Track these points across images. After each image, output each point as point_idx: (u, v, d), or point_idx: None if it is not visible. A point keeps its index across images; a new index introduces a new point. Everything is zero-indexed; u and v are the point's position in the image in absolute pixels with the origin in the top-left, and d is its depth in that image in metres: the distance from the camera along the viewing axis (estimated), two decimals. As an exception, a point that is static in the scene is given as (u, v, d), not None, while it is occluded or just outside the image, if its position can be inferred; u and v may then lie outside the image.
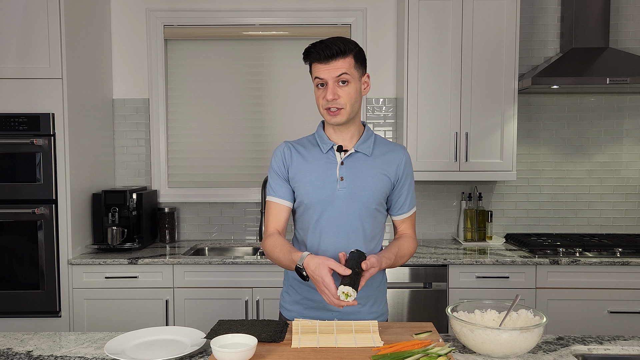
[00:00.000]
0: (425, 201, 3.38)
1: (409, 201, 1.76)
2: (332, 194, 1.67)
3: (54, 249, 2.74)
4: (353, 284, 1.42)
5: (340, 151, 1.70)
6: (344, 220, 1.68)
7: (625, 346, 1.49)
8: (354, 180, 1.67)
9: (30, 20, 2.70)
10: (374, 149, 1.72)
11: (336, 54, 1.59)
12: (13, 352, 1.48)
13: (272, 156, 1.76)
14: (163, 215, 3.28)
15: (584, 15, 3.07)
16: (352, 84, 1.62)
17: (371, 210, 1.69)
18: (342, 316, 1.71)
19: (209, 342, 1.43)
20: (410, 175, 1.76)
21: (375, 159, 1.71)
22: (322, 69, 1.60)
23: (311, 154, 1.72)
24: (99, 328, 2.76)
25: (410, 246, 1.75)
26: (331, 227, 1.68)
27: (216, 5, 3.32)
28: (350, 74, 1.61)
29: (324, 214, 1.68)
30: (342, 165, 1.68)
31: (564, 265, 2.74)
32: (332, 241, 1.69)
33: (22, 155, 2.71)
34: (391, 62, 3.34)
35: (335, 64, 1.59)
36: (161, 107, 3.35)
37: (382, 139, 1.79)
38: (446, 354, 1.34)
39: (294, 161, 1.72)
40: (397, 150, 1.75)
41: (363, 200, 1.67)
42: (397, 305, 2.80)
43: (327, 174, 1.68)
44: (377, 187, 1.68)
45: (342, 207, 1.67)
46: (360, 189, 1.67)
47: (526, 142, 3.35)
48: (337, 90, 1.61)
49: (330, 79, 1.60)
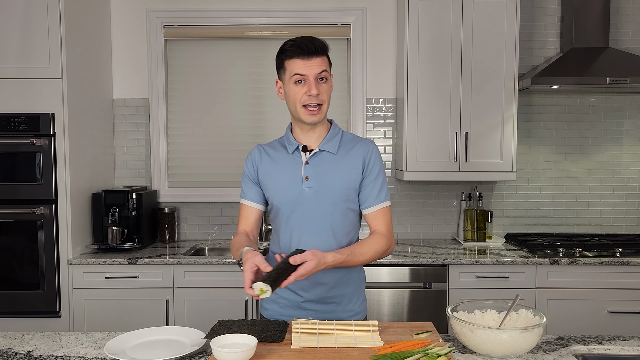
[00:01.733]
0: (425, 201, 3.38)
1: (375, 194, 1.71)
2: (300, 194, 1.68)
3: (54, 249, 2.74)
4: (272, 280, 1.41)
5: (305, 151, 1.71)
6: (312, 220, 1.69)
7: (625, 346, 1.49)
8: (319, 179, 1.68)
9: (30, 20, 2.70)
10: (340, 146, 1.73)
11: (318, 50, 1.62)
12: (13, 352, 1.48)
13: (246, 159, 1.81)
14: (163, 215, 3.28)
15: (584, 15, 3.07)
16: (329, 82, 1.67)
17: (340, 208, 1.69)
18: (317, 315, 1.73)
19: (209, 342, 1.43)
20: (377, 168, 1.72)
21: (342, 156, 1.71)
22: (303, 65, 1.61)
23: (279, 155, 1.75)
24: (99, 328, 2.76)
25: (377, 243, 1.68)
26: (300, 227, 1.70)
27: (216, 5, 3.32)
28: (328, 72, 1.65)
29: (293, 214, 1.70)
30: (307, 165, 1.69)
31: (564, 265, 2.74)
32: (302, 240, 1.70)
33: (22, 155, 2.71)
34: (391, 62, 3.34)
35: (316, 61, 1.62)
36: (161, 107, 3.35)
37: (350, 135, 1.79)
38: (446, 354, 1.34)
39: (263, 164, 1.75)
40: (363, 143, 1.74)
41: (330, 198, 1.68)
42: (397, 305, 2.80)
43: (294, 175, 1.70)
44: (343, 184, 1.68)
45: (310, 206, 1.68)
46: (326, 187, 1.67)
47: (526, 142, 3.35)
48: (318, 86, 1.63)
49: (312, 75, 1.61)
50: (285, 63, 1.65)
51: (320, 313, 1.73)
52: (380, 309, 2.80)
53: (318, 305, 1.73)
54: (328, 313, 1.73)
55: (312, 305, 1.73)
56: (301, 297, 1.73)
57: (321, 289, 1.71)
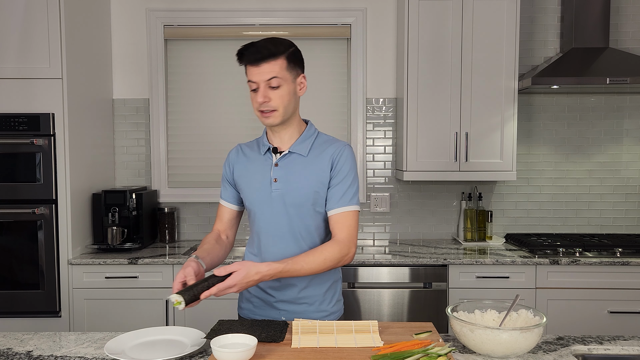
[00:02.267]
0: (425, 201, 3.38)
1: (338, 197, 1.65)
2: (268, 196, 1.68)
3: (54, 249, 2.74)
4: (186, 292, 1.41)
5: (275, 152, 1.70)
6: (279, 222, 1.68)
7: (625, 346, 1.49)
8: (286, 182, 1.66)
9: (30, 20, 2.69)
10: (312, 148, 1.69)
11: (266, 56, 1.56)
12: (13, 352, 1.48)
13: (225, 159, 1.82)
14: (163, 215, 3.27)
15: (584, 15, 3.07)
16: (284, 87, 1.59)
17: (307, 211, 1.67)
18: (289, 315, 1.74)
19: (209, 342, 1.43)
20: (345, 170, 1.66)
21: (312, 159, 1.68)
22: (254, 72, 1.59)
23: (254, 156, 1.75)
24: (99, 328, 2.76)
25: (326, 251, 1.60)
26: (268, 228, 1.70)
27: (216, 5, 3.32)
28: (281, 77, 1.58)
29: (262, 215, 1.70)
30: (276, 167, 1.68)
31: (564, 265, 2.74)
32: (270, 242, 1.71)
33: (22, 155, 2.71)
34: (391, 62, 3.34)
35: (265, 67, 1.57)
36: (161, 107, 3.35)
37: (326, 137, 1.74)
38: (446, 354, 1.34)
39: (239, 164, 1.76)
40: (336, 146, 1.69)
41: (296, 201, 1.66)
42: (397, 305, 2.80)
43: (264, 176, 1.69)
44: (311, 187, 1.65)
45: (277, 208, 1.68)
46: (293, 189, 1.66)
47: (526, 142, 3.35)
48: (268, 93, 1.59)
49: (261, 82, 1.58)
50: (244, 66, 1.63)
51: (293, 313, 1.74)
52: (380, 309, 2.80)
53: (290, 306, 1.73)
54: (300, 313, 1.74)
55: (284, 305, 1.74)
56: (273, 297, 1.74)
57: (292, 290, 1.72)
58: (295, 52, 1.64)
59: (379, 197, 3.38)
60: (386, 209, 3.38)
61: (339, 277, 1.84)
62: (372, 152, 3.38)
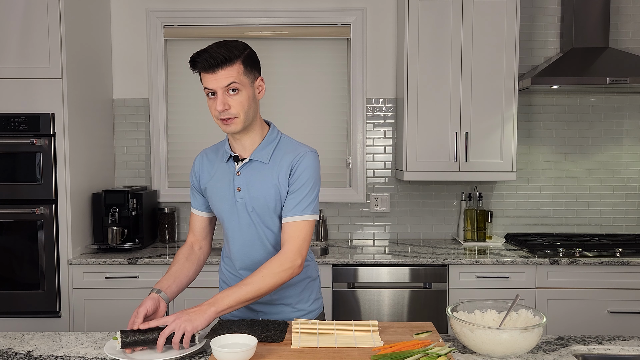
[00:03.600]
0: (425, 201, 3.38)
1: (292, 206, 1.59)
2: (233, 205, 1.65)
3: (54, 249, 2.74)
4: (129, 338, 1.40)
5: (237, 161, 1.65)
6: (246, 231, 1.66)
7: (625, 346, 1.49)
8: (249, 190, 1.62)
9: (30, 20, 2.69)
10: (274, 154, 1.64)
11: (221, 62, 1.50)
12: (13, 352, 1.48)
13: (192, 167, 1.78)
14: (163, 215, 3.27)
15: (584, 15, 3.07)
16: (243, 92, 1.54)
17: (272, 219, 1.64)
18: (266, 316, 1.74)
19: (209, 342, 1.43)
20: (303, 178, 1.60)
21: (273, 165, 1.62)
22: (210, 78, 1.52)
23: (217, 163, 1.70)
24: (99, 328, 2.76)
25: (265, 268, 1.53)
26: (236, 237, 1.68)
27: (216, 5, 3.32)
28: (239, 82, 1.52)
29: (230, 224, 1.68)
30: (239, 176, 1.64)
31: (564, 265, 2.74)
32: (239, 251, 1.69)
33: (22, 155, 2.71)
34: (391, 62, 3.34)
35: (222, 73, 1.51)
36: (161, 107, 3.35)
37: (289, 141, 1.68)
38: (446, 354, 1.34)
39: (205, 172, 1.72)
40: (295, 152, 1.63)
41: (258, 210, 1.62)
42: (397, 305, 2.80)
43: (228, 185, 1.66)
44: (271, 195, 1.61)
45: (242, 217, 1.65)
46: (255, 199, 1.62)
47: (526, 142, 3.35)
48: (227, 99, 1.53)
49: (219, 88, 1.52)
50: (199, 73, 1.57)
51: (270, 315, 1.74)
52: (380, 309, 2.80)
53: (266, 307, 1.73)
54: (277, 314, 1.74)
55: (260, 307, 1.73)
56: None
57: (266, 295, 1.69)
58: (251, 55, 1.57)
59: (379, 197, 3.38)
60: (386, 209, 3.38)
61: (316, 275, 1.82)
62: (372, 152, 3.38)
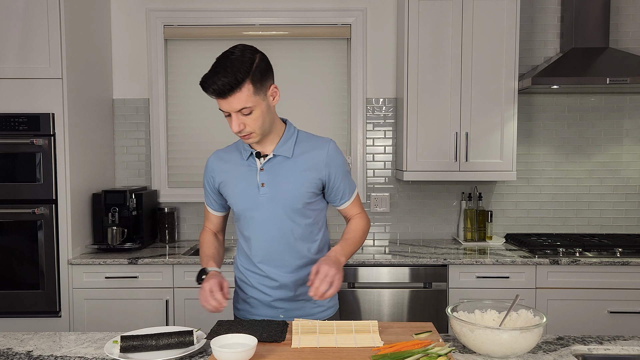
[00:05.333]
0: (425, 201, 3.38)
1: (347, 190, 1.76)
2: (256, 201, 1.68)
3: (54, 249, 2.74)
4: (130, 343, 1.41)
5: (259, 157, 1.69)
6: (271, 225, 1.69)
7: (625, 346, 1.49)
8: (275, 185, 1.66)
9: (30, 20, 2.69)
10: (295, 148, 1.69)
11: (229, 90, 1.50)
12: (13, 352, 1.48)
13: (204, 168, 1.81)
14: (163, 215, 3.27)
15: (584, 15, 3.07)
16: (256, 109, 1.55)
17: (298, 211, 1.68)
18: (287, 313, 1.75)
19: (209, 342, 1.43)
20: (339, 165, 1.71)
21: (297, 158, 1.68)
22: (222, 103, 1.54)
23: (234, 161, 1.73)
24: (99, 328, 2.76)
25: (360, 223, 1.78)
26: (258, 232, 1.71)
27: (216, 5, 3.32)
28: (251, 103, 1.53)
29: (253, 220, 1.70)
30: (262, 171, 1.68)
31: (564, 265, 2.74)
32: (260, 245, 1.72)
33: (22, 155, 2.71)
34: (391, 62, 3.34)
35: (232, 99, 1.52)
36: (161, 107, 3.35)
37: (306, 135, 1.74)
38: (446, 354, 1.34)
39: (221, 172, 1.75)
40: (319, 144, 1.71)
41: (287, 203, 1.67)
42: (397, 305, 2.80)
43: (249, 182, 1.69)
44: (300, 187, 1.66)
45: (267, 212, 1.68)
46: (283, 191, 1.66)
47: (526, 142, 3.35)
48: (241, 120, 1.56)
49: (232, 111, 1.54)
50: None
51: (290, 311, 1.75)
52: (380, 309, 2.80)
53: (287, 304, 1.75)
54: (298, 310, 1.75)
55: (281, 303, 1.75)
56: (270, 297, 1.75)
57: (287, 289, 1.74)
58: (260, 68, 1.55)
59: (378, 197, 3.38)
60: (386, 209, 3.38)
61: None
62: (372, 152, 3.38)
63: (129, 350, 1.39)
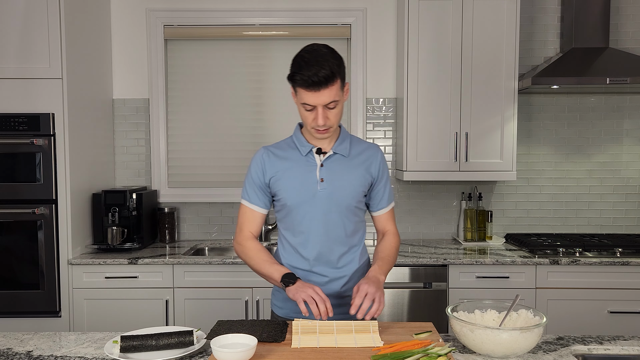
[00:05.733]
0: (425, 201, 3.38)
1: (386, 197, 1.83)
2: (314, 196, 1.71)
3: (54, 249, 2.74)
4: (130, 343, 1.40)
5: (319, 153, 1.73)
6: (326, 220, 1.72)
7: (625, 346, 1.49)
8: (333, 181, 1.71)
9: (30, 20, 2.69)
10: (351, 149, 1.77)
11: (324, 82, 1.56)
12: (13, 352, 1.48)
13: (251, 162, 1.80)
14: (163, 215, 3.27)
15: (584, 15, 3.07)
16: (339, 104, 1.64)
17: (351, 208, 1.75)
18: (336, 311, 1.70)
19: (209, 342, 1.43)
20: (386, 172, 1.82)
21: (353, 158, 1.76)
22: (311, 96, 1.59)
23: (291, 157, 1.75)
24: (99, 328, 2.76)
25: (393, 242, 1.83)
26: (314, 227, 1.73)
27: (216, 5, 3.32)
28: (338, 97, 1.61)
29: (307, 215, 1.72)
30: (322, 167, 1.72)
31: (564, 265, 2.74)
32: (314, 240, 1.73)
33: (22, 155, 2.71)
34: (391, 62, 3.34)
35: (324, 92, 1.58)
36: (161, 107, 3.35)
37: (357, 138, 1.83)
38: (446, 354, 1.34)
39: (274, 166, 1.75)
40: (372, 149, 1.81)
41: (343, 199, 1.72)
42: (397, 305, 2.80)
43: (308, 177, 1.71)
44: (355, 185, 1.73)
45: (323, 207, 1.71)
46: (340, 188, 1.71)
47: (526, 142, 3.35)
48: (326, 114, 1.62)
49: (320, 105, 1.60)
50: (295, 87, 1.63)
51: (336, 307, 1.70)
52: (380, 309, 2.80)
53: (334, 300, 1.74)
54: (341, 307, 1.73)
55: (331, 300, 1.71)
56: None
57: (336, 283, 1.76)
58: (343, 66, 1.64)
59: (379, 197, 3.38)
60: (386, 209, 3.38)
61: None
62: (372, 152, 3.38)
63: (129, 350, 1.39)
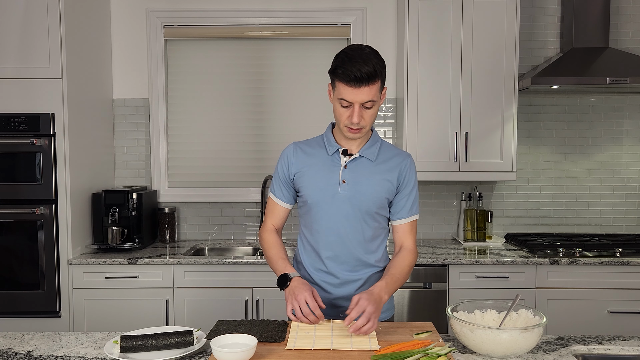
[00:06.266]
0: (425, 201, 3.38)
1: (407, 207, 1.75)
2: (334, 196, 1.69)
3: (54, 249, 2.74)
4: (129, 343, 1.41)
5: (345, 155, 1.72)
6: (343, 223, 1.70)
7: (625, 346, 1.49)
8: (355, 184, 1.69)
9: (30, 20, 2.69)
10: (379, 154, 1.74)
11: (367, 80, 1.55)
12: (13, 352, 1.48)
13: (280, 156, 1.80)
14: (163, 215, 3.28)
15: (584, 15, 3.07)
16: (375, 105, 1.62)
17: (371, 213, 1.71)
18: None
19: (209, 342, 1.43)
20: (412, 182, 1.75)
21: (379, 164, 1.72)
22: (350, 92, 1.57)
23: (317, 155, 1.75)
24: (99, 328, 2.76)
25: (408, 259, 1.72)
26: (330, 228, 1.71)
27: (216, 5, 3.32)
28: (376, 98, 1.60)
29: (325, 214, 1.71)
30: (346, 169, 1.70)
31: (564, 265, 2.74)
32: (331, 240, 1.72)
33: (22, 155, 2.71)
34: (391, 62, 3.34)
35: (364, 90, 1.56)
36: (161, 107, 3.35)
37: (389, 145, 1.79)
38: (446, 354, 1.34)
39: (299, 161, 1.75)
40: (401, 156, 1.76)
41: (362, 204, 1.69)
42: (397, 305, 2.80)
43: (330, 176, 1.70)
44: (377, 191, 1.70)
45: (342, 209, 1.70)
46: (361, 193, 1.69)
47: (526, 142, 3.35)
48: (362, 113, 1.61)
49: (357, 103, 1.59)
50: (335, 80, 1.61)
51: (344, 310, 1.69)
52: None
53: (344, 302, 1.74)
54: None
55: (343, 302, 1.74)
56: (331, 294, 1.75)
57: (351, 286, 1.74)
58: (385, 69, 1.62)
59: (379, 197, 3.38)
60: (386, 209, 3.38)
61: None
62: (372, 152, 3.38)
63: (129, 350, 1.39)
